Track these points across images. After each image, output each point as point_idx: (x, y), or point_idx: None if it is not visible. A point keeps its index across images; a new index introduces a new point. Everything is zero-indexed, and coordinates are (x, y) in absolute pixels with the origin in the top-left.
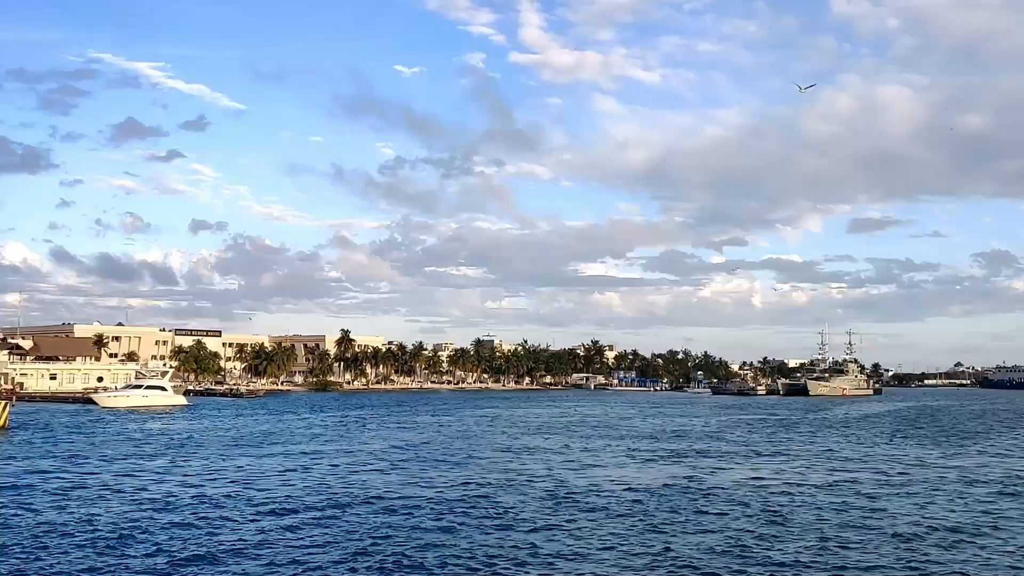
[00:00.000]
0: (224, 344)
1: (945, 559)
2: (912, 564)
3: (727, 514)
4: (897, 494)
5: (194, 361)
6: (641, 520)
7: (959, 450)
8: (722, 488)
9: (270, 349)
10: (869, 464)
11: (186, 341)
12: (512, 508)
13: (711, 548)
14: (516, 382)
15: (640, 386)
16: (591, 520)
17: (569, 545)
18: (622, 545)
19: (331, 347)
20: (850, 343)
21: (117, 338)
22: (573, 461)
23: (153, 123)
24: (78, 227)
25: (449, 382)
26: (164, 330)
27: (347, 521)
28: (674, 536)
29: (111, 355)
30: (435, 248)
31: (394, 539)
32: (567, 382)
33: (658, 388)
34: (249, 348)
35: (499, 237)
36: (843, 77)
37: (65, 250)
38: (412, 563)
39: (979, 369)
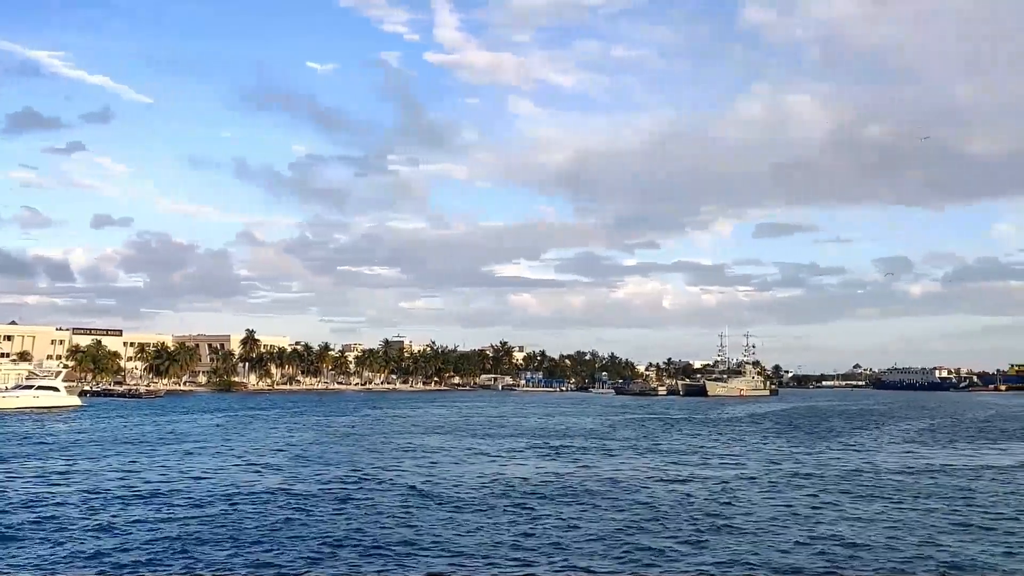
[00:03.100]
0: (125, 343)
1: (757, 544)
2: (715, 548)
3: (579, 505)
4: (743, 487)
5: (92, 361)
6: (493, 511)
7: (821, 445)
8: (583, 482)
9: (173, 349)
10: (730, 459)
11: (85, 340)
12: (368, 502)
13: (542, 535)
14: (424, 383)
15: (546, 387)
16: (448, 513)
17: (424, 536)
18: (470, 535)
19: (236, 347)
20: (750, 345)
21: (9, 337)
22: (450, 458)
23: (53, 114)
24: None
25: (357, 383)
26: (61, 329)
27: (197, 515)
28: (523, 526)
29: (2, 355)
30: (348, 247)
31: (242, 530)
32: (475, 383)
33: (564, 389)
34: (151, 348)
35: (414, 237)
36: (754, 85)
37: None
38: (254, 552)
39: (875, 371)
